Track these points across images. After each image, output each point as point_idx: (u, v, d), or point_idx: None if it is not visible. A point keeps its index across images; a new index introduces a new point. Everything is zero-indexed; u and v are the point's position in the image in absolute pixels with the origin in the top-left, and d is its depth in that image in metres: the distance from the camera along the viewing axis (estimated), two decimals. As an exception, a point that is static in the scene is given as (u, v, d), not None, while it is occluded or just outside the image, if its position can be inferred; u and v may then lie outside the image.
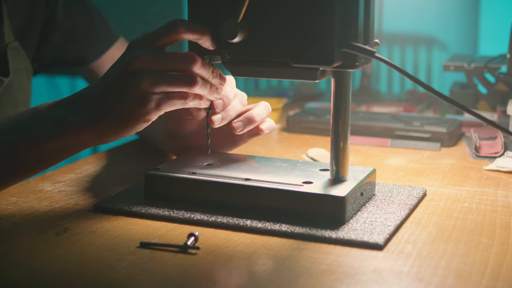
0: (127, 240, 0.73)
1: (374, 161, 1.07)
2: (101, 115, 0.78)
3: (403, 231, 0.76)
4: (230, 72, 0.82)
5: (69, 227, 0.77)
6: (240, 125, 0.87)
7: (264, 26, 0.78)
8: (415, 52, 2.79)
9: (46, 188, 0.91)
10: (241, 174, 0.83)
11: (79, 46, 1.23)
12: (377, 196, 0.86)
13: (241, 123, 0.87)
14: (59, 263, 0.68)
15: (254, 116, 0.88)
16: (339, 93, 0.79)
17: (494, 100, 1.33)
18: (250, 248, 0.71)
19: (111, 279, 0.64)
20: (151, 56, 0.77)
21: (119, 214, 0.81)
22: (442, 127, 1.17)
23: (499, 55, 1.44)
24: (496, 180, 0.96)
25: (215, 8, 0.79)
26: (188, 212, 0.79)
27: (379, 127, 1.21)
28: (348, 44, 0.75)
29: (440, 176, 0.98)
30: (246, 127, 0.87)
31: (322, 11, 0.74)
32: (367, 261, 0.68)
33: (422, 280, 0.64)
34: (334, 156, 0.81)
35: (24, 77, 1.12)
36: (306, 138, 1.23)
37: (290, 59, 0.77)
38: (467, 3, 2.75)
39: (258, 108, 0.89)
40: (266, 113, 0.89)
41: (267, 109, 0.90)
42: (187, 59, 0.79)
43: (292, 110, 1.47)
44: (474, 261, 0.68)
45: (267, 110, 0.89)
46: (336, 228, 0.74)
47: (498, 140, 1.12)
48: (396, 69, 0.75)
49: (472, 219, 0.80)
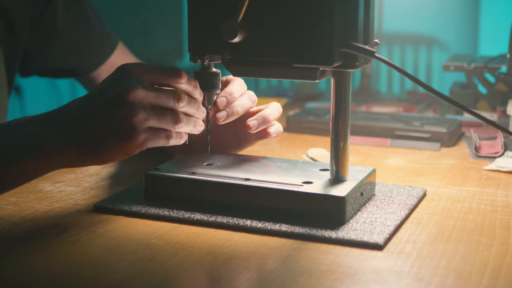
0: (127, 240, 0.73)
1: (374, 161, 1.07)
2: (80, 140, 0.75)
3: (403, 231, 0.76)
4: (230, 72, 0.82)
5: (69, 227, 0.77)
6: (255, 124, 0.87)
7: (264, 26, 0.78)
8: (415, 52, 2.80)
9: (46, 188, 0.91)
10: (241, 174, 0.83)
11: (79, 56, 1.21)
12: (377, 196, 0.86)
13: (256, 122, 0.87)
14: (59, 263, 0.68)
15: (268, 115, 0.88)
16: (339, 93, 0.79)
17: (494, 100, 1.33)
18: (250, 248, 0.71)
19: (111, 279, 0.64)
20: (148, 89, 0.75)
21: (119, 214, 0.81)
22: (442, 127, 1.17)
23: (499, 55, 1.44)
24: (496, 180, 0.96)
25: (215, 8, 0.79)
26: (188, 212, 0.79)
27: (379, 127, 1.21)
28: (348, 44, 0.75)
29: (440, 176, 0.98)
30: (260, 126, 0.87)
31: (322, 11, 0.74)
32: (367, 261, 0.68)
33: (422, 280, 0.64)
34: (334, 156, 0.81)
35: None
36: (306, 138, 1.23)
37: (290, 59, 0.77)
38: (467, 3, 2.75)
39: (271, 108, 0.89)
40: (278, 114, 0.89)
41: (279, 110, 0.90)
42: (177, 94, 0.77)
43: (292, 110, 1.47)
44: (474, 261, 0.68)
45: (279, 111, 0.90)
46: (336, 228, 0.74)
47: (498, 140, 1.12)
48: (396, 69, 0.75)
49: (472, 219, 0.80)
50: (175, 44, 3.02)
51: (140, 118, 0.74)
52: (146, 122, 0.75)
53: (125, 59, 1.27)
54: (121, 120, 0.74)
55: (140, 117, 0.74)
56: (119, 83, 0.75)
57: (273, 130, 0.89)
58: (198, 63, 0.83)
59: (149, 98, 0.75)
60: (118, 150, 0.75)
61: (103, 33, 1.24)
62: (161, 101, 0.76)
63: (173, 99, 0.77)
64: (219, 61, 0.82)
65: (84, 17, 1.21)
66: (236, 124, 0.90)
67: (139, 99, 0.74)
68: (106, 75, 1.24)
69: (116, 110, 0.74)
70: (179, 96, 0.77)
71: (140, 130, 0.74)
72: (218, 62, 0.82)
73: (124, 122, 0.74)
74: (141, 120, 0.74)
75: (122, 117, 0.74)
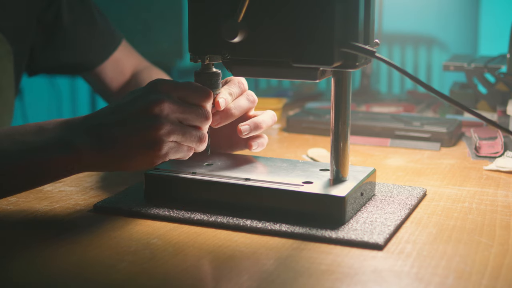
0: (127, 240, 0.73)
1: (374, 161, 1.07)
2: (106, 146, 0.76)
3: (403, 231, 0.76)
4: (230, 72, 0.82)
5: (69, 227, 0.77)
6: (246, 129, 0.86)
7: (264, 26, 0.78)
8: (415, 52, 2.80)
9: (46, 188, 0.91)
10: (241, 174, 0.83)
11: (83, 52, 1.22)
12: (377, 196, 0.86)
13: (248, 127, 0.86)
14: (59, 263, 0.68)
15: (261, 123, 0.87)
16: (339, 93, 0.79)
17: (494, 100, 1.33)
18: (250, 248, 0.71)
19: (111, 279, 0.64)
20: (176, 105, 0.77)
21: (119, 214, 0.81)
22: (442, 127, 1.17)
23: (499, 55, 1.44)
24: (496, 180, 0.96)
25: (215, 8, 0.79)
26: (188, 212, 0.79)
27: (379, 127, 1.21)
28: (348, 44, 0.75)
29: (440, 176, 0.98)
30: (251, 131, 0.87)
31: (322, 11, 0.74)
32: (367, 261, 0.68)
33: (422, 280, 0.64)
34: (334, 156, 0.81)
35: (5, 61, 1.11)
36: (306, 138, 1.23)
37: (290, 59, 0.77)
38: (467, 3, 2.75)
39: (265, 115, 0.88)
40: (271, 122, 0.89)
41: (273, 118, 0.89)
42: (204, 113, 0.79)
43: (292, 110, 1.48)
44: (474, 261, 0.68)
45: (273, 119, 0.89)
46: (336, 228, 0.74)
47: (498, 140, 1.12)
48: (396, 69, 0.75)
49: (472, 219, 0.80)
50: (175, 44, 3.02)
51: (165, 131, 0.76)
52: (170, 136, 0.76)
53: (129, 56, 1.28)
54: (146, 131, 0.75)
55: (165, 130, 0.76)
56: (148, 96, 0.77)
57: (255, 144, 0.89)
58: (198, 63, 0.83)
59: (177, 113, 0.77)
60: (141, 159, 0.77)
61: (107, 29, 1.24)
62: (188, 117, 0.78)
63: (201, 118, 0.79)
64: (219, 61, 0.82)
65: (88, 14, 1.22)
66: (230, 126, 0.90)
67: (166, 112, 0.76)
68: (110, 70, 1.25)
69: (142, 121, 0.75)
70: (208, 116, 0.80)
71: (164, 142, 0.76)
72: (218, 62, 0.82)
73: (150, 134, 0.75)
74: (166, 133, 0.76)
75: (148, 128, 0.75)
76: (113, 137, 0.76)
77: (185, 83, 0.80)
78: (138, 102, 0.77)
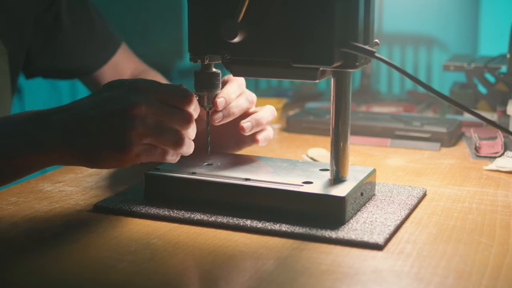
0: (127, 240, 0.73)
1: (374, 161, 1.07)
2: (77, 142, 0.75)
3: (403, 231, 0.76)
4: (230, 72, 0.82)
5: (69, 227, 0.77)
6: (249, 126, 0.87)
7: (264, 26, 0.78)
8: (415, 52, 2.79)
9: (46, 188, 0.91)
10: (241, 174, 0.83)
11: (82, 55, 1.22)
12: (377, 196, 0.86)
13: (250, 124, 0.87)
14: (59, 263, 0.68)
15: (261, 118, 0.88)
16: (339, 93, 0.79)
17: (494, 100, 1.33)
18: (250, 248, 0.71)
19: (111, 279, 0.64)
20: (154, 106, 0.75)
21: (119, 214, 0.81)
22: (442, 127, 1.17)
23: (499, 55, 1.44)
24: (496, 180, 0.96)
25: (215, 8, 0.79)
26: (188, 212, 0.79)
27: (379, 127, 1.21)
28: (348, 44, 0.75)
29: (440, 176, 0.98)
30: (254, 128, 0.87)
31: (322, 11, 0.74)
32: (367, 261, 0.68)
33: (422, 280, 0.64)
34: (334, 156, 0.81)
35: (1, 61, 1.10)
36: (306, 138, 1.23)
37: (290, 59, 0.77)
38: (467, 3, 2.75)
39: (265, 111, 0.89)
40: (271, 117, 0.89)
41: (273, 113, 0.90)
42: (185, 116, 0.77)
43: (292, 110, 1.47)
44: (474, 261, 0.68)
45: (273, 114, 0.90)
46: (336, 228, 0.74)
47: (498, 140, 1.12)
48: (396, 69, 0.75)
49: (472, 219, 0.80)
50: (175, 44, 3.02)
51: (136, 132, 0.74)
52: (143, 138, 0.74)
53: (128, 59, 1.28)
54: (118, 132, 0.74)
55: (137, 132, 0.74)
56: (125, 97, 0.75)
57: (261, 137, 0.89)
58: (198, 63, 0.83)
59: (153, 115, 0.75)
60: (111, 159, 0.75)
61: (106, 33, 1.24)
62: (166, 119, 0.76)
63: (181, 121, 0.77)
64: (219, 61, 0.82)
65: (87, 17, 1.21)
66: (235, 124, 0.90)
67: (141, 115, 0.74)
68: (109, 75, 1.25)
69: (116, 121, 0.74)
70: (188, 119, 0.77)
71: (135, 144, 0.74)
72: (218, 62, 0.82)
73: (121, 134, 0.74)
74: (138, 135, 0.74)
75: (120, 129, 0.74)
76: (85, 135, 0.75)
77: (166, 85, 0.78)
78: (115, 101, 0.75)
